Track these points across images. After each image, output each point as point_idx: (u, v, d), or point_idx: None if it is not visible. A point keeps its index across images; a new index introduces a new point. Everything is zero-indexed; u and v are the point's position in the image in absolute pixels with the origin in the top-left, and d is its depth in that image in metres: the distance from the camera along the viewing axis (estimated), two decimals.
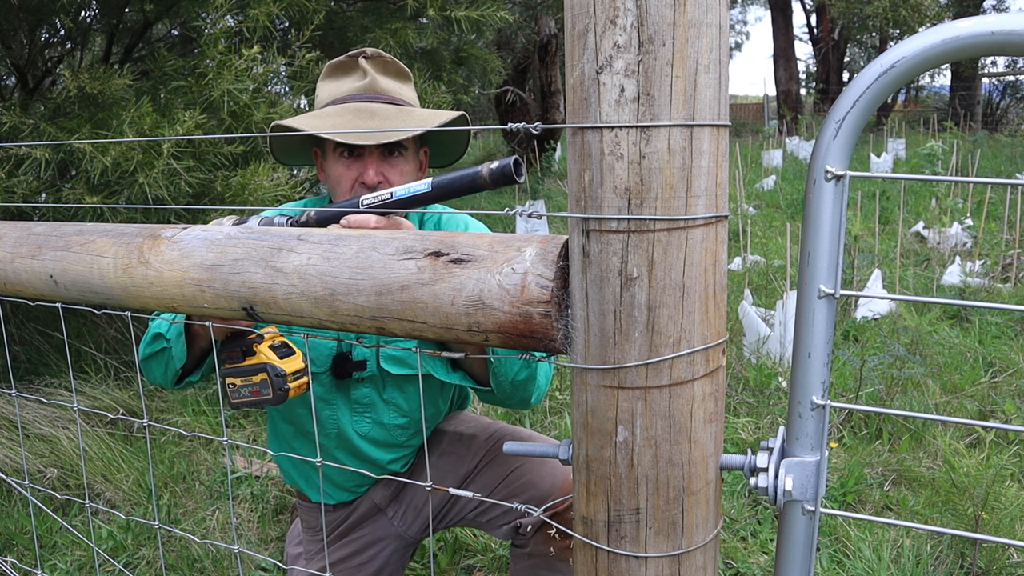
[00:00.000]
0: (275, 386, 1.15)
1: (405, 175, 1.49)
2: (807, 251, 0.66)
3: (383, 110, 1.45)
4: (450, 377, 1.47)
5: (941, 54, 0.59)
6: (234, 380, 1.18)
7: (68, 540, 2.53)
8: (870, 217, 6.48)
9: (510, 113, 11.88)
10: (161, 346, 1.38)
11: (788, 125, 17.22)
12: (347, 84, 1.50)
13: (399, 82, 1.54)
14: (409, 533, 1.72)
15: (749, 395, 3.39)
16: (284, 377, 1.15)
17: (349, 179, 1.45)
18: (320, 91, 1.54)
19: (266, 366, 1.15)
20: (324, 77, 1.54)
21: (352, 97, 1.47)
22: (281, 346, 1.21)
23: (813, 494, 0.70)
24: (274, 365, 1.15)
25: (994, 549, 2.23)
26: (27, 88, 3.90)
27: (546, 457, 0.87)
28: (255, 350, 1.18)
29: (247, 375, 1.17)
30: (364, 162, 1.44)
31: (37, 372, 3.66)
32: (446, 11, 3.93)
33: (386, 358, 1.53)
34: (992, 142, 13.59)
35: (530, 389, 1.46)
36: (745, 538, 2.42)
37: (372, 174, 1.43)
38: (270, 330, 1.22)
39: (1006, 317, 4.36)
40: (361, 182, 1.44)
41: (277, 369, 1.15)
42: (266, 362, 1.16)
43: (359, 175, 1.45)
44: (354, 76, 1.51)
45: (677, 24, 0.61)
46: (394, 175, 1.46)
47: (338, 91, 1.50)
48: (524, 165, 1.00)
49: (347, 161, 1.45)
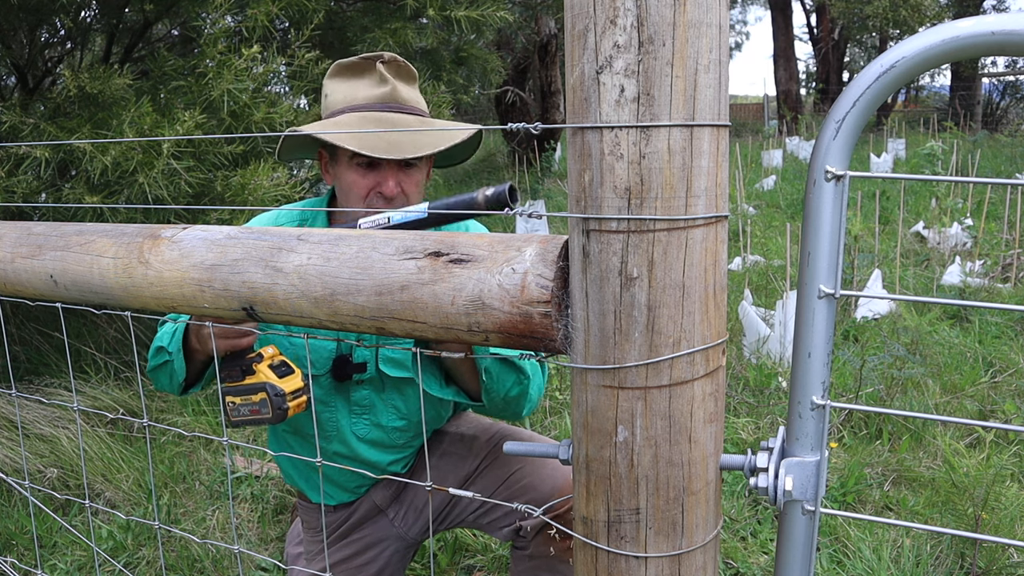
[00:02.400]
0: (274, 405, 1.16)
1: (419, 184, 1.49)
2: (807, 251, 0.66)
3: (404, 121, 1.44)
4: (443, 392, 1.49)
5: (941, 54, 0.59)
6: (234, 399, 1.20)
7: (68, 540, 2.53)
8: (870, 217, 6.48)
9: (510, 113, 11.89)
10: (164, 359, 1.39)
11: (788, 125, 17.22)
12: (364, 90, 1.47)
13: (412, 87, 1.53)
14: (410, 534, 1.72)
15: (749, 395, 3.39)
16: (283, 397, 1.16)
17: (364, 187, 1.44)
18: (332, 92, 1.50)
19: (265, 386, 1.16)
20: (336, 76, 1.51)
21: (372, 106, 1.45)
22: (280, 365, 1.22)
23: (813, 494, 0.70)
24: (273, 385, 1.16)
25: (994, 549, 2.23)
26: (27, 88, 3.90)
27: (546, 457, 0.87)
28: (254, 369, 1.19)
29: (246, 394, 1.18)
30: (382, 172, 1.43)
31: (37, 372, 3.66)
32: (446, 11, 3.93)
33: (385, 360, 1.53)
34: (992, 142, 13.59)
35: (522, 404, 1.49)
36: (745, 538, 2.42)
37: (392, 185, 1.43)
38: (269, 349, 1.23)
39: (1006, 317, 4.36)
40: (378, 192, 1.44)
41: (276, 389, 1.16)
42: (265, 382, 1.17)
43: (376, 184, 1.44)
44: (370, 80, 1.48)
45: (677, 24, 0.61)
46: (410, 185, 1.46)
47: (354, 96, 1.47)
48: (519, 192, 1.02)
49: (363, 170, 1.44)
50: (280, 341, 1.51)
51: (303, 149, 1.60)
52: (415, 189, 1.47)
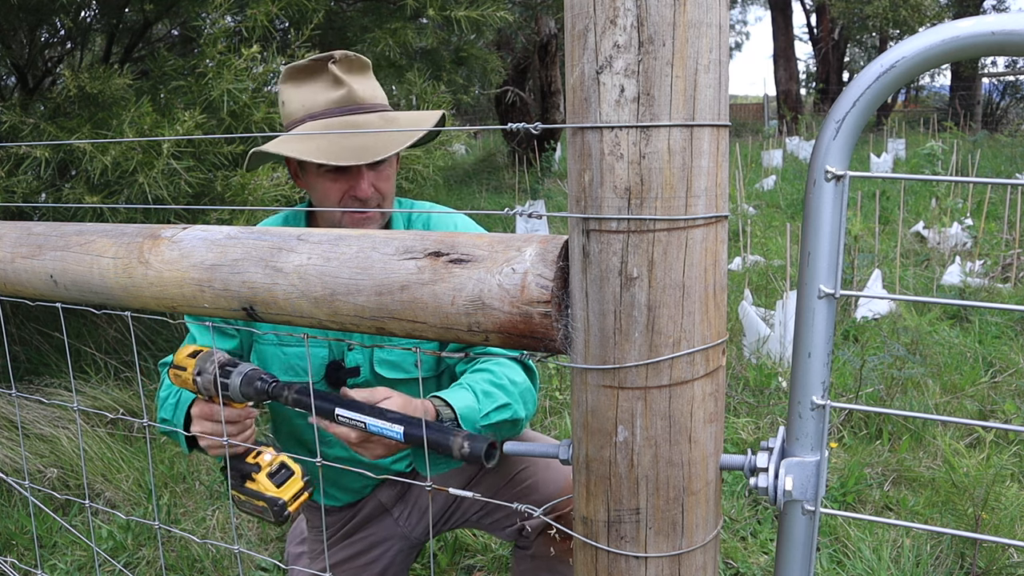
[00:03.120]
0: (275, 514, 1.18)
1: (391, 180, 1.50)
2: (807, 251, 0.66)
3: (367, 122, 1.43)
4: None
5: (941, 54, 0.59)
6: (238, 495, 1.22)
7: (68, 540, 2.53)
8: (870, 217, 6.48)
9: (510, 113, 11.88)
10: (170, 428, 1.40)
11: (788, 125, 17.22)
12: (321, 94, 1.45)
13: (368, 79, 1.51)
14: (414, 534, 1.72)
15: (749, 395, 3.39)
16: (283, 506, 1.18)
17: (338, 192, 1.44)
18: (289, 99, 1.48)
19: (264, 497, 1.18)
20: (289, 81, 1.48)
21: (332, 111, 1.44)
22: (279, 469, 1.22)
23: (813, 494, 0.70)
24: (273, 498, 1.18)
25: (994, 549, 2.23)
26: (27, 88, 3.90)
27: (546, 457, 0.87)
28: (254, 478, 1.20)
29: (249, 496, 1.20)
30: (352, 176, 1.43)
31: (37, 372, 3.66)
32: (446, 11, 3.93)
33: (380, 363, 1.53)
34: (992, 142, 13.59)
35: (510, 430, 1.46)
36: (745, 538, 2.42)
37: (365, 187, 1.43)
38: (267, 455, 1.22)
39: (1006, 317, 4.36)
40: (352, 196, 1.44)
41: (276, 501, 1.18)
42: (264, 493, 1.18)
43: (349, 189, 1.44)
44: (323, 83, 1.46)
45: (677, 24, 0.61)
46: (383, 183, 1.47)
47: (313, 102, 1.45)
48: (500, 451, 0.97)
49: (333, 175, 1.44)
50: (273, 352, 1.51)
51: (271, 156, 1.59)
52: (387, 184, 1.48)
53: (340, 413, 1.07)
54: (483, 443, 0.95)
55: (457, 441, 0.96)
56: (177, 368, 1.18)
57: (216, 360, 1.15)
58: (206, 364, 1.15)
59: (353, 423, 1.06)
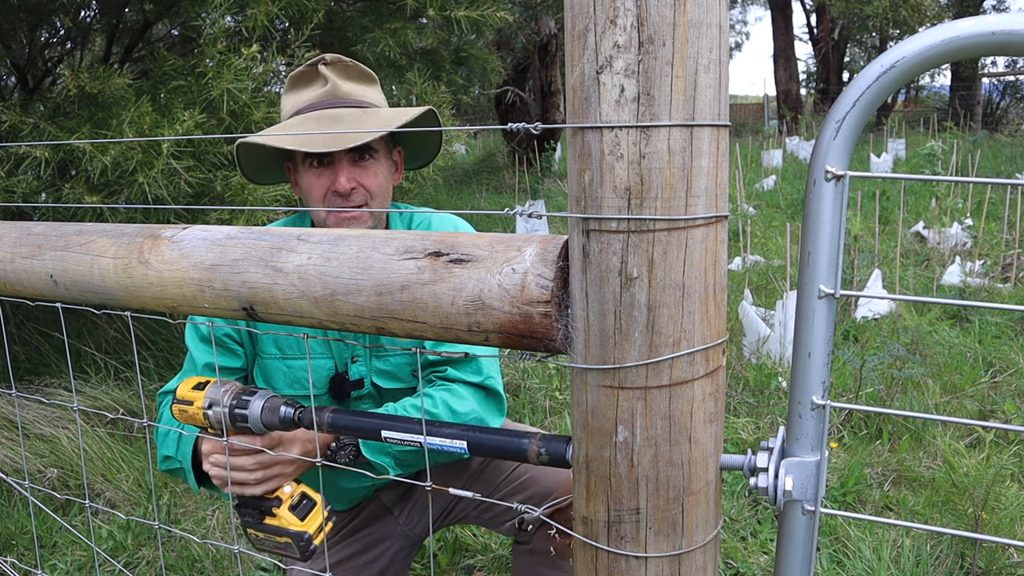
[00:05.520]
0: (302, 550, 1.11)
1: (379, 178, 1.46)
2: (807, 251, 0.66)
3: (347, 114, 1.42)
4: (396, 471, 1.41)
5: (941, 54, 0.59)
6: (256, 532, 1.15)
7: (68, 540, 2.53)
8: (870, 217, 6.48)
9: (510, 113, 11.88)
10: (175, 466, 1.38)
11: (788, 125, 17.21)
12: (308, 93, 1.47)
13: (362, 85, 1.51)
14: (415, 532, 1.72)
15: (749, 395, 3.39)
16: (309, 540, 1.11)
17: (321, 188, 1.43)
18: (284, 104, 1.51)
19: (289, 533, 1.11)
20: (286, 90, 1.52)
21: (314, 105, 1.45)
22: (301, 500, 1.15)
23: (813, 494, 0.70)
24: (300, 532, 1.10)
25: (994, 549, 2.23)
26: (27, 88, 3.90)
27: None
28: (274, 513, 1.13)
29: (270, 534, 1.13)
30: (335, 170, 1.42)
31: (37, 372, 3.66)
32: (446, 11, 3.92)
33: (378, 373, 1.53)
34: (992, 142, 13.59)
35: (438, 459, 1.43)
36: (745, 538, 2.42)
37: (344, 181, 1.40)
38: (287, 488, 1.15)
39: (1006, 317, 4.36)
40: (333, 191, 1.42)
41: (302, 536, 1.11)
42: (288, 528, 1.11)
43: (331, 183, 1.42)
44: (315, 84, 1.48)
45: (677, 24, 0.61)
46: (367, 179, 1.44)
47: (300, 101, 1.47)
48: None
49: (317, 171, 1.43)
50: (277, 366, 1.50)
51: (271, 170, 1.58)
52: (375, 182, 1.44)
53: (389, 436, 0.95)
54: (562, 444, 0.84)
55: (533, 448, 0.86)
56: (182, 403, 1.08)
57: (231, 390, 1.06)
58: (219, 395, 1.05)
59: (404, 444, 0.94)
